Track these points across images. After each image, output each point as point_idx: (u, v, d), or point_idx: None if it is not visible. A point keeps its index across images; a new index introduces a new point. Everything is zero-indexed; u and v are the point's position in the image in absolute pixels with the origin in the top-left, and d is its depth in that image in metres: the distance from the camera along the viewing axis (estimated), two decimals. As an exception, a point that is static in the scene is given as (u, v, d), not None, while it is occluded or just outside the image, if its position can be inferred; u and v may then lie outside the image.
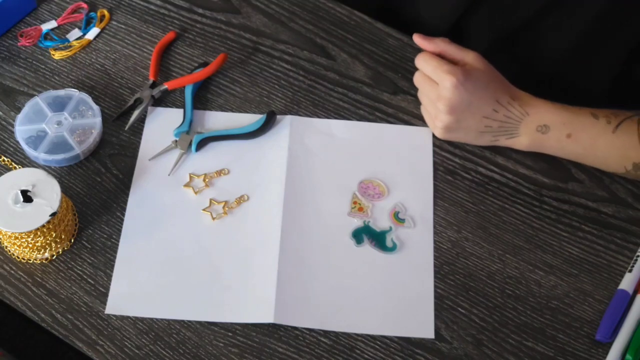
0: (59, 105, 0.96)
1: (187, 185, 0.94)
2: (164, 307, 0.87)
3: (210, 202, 0.93)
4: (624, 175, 0.96)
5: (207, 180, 0.95)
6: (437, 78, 0.93)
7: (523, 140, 0.95)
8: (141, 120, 0.98)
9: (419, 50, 1.05)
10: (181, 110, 0.99)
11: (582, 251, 0.93)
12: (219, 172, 0.96)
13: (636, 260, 0.91)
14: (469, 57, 0.94)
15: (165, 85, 0.99)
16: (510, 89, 0.95)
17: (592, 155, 0.94)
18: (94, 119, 0.96)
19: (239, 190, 0.94)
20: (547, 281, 0.91)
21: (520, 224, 0.94)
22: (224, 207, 0.93)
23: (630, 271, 0.91)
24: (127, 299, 0.87)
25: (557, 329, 0.88)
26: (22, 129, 0.95)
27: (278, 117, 0.99)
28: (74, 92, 0.97)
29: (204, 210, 0.93)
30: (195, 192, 0.94)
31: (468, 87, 0.91)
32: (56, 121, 0.95)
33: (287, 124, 0.99)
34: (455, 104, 0.92)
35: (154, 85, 1.00)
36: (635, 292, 0.90)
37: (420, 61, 0.96)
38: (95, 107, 0.96)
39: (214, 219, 0.92)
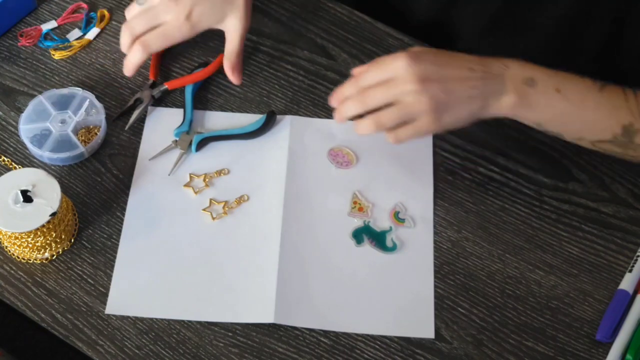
0: (62, 104, 0.96)
1: (187, 185, 0.94)
2: (164, 307, 0.87)
3: (210, 202, 0.93)
4: (611, 149, 0.90)
5: (207, 180, 0.95)
6: (386, 70, 0.85)
7: (511, 97, 0.86)
8: (141, 120, 0.98)
9: (419, 50, 1.06)
10: (181, 110, 0.99)
11: (582, 251, 0.93)
12: (219, 172, 0.96)
13: (636, 260, 0.91)
14: (398, 65, 0.86)
15: (166, 85, 0.99)
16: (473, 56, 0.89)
17: (582, 115, 0.88)
18: (98, 117, 0.96)
19: (239, 190, 0.94)
20: (547, 281, 0.91)
21: (520, 224, 0.94)
22: (224, 207, 0.93)
23: (630, 271, 0.91)
24: (127, 299, 0.87)
25: (557, 329, 0.88)
26: (26, 128, 0.95)
27: (278, 117, 0.99)
28: (78, 91, 0.97)
29: (204, 210, 0.93)
30: (196, 192, 0.94)
31: (426, 58, 0.85)
32: (60, 120, 0.96)
33: (287, 124, 0.99)
34: (423, 75, 0.84)
35: (154, 85, 1.00)
36: (635, 292, 0.90)
37: (357, 76, 0.88)
38: (99, 105, 0.96)
39: (214, 219, 0.92)
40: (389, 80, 0.85)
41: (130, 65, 0.96)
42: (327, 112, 1.01)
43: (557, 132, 0.90)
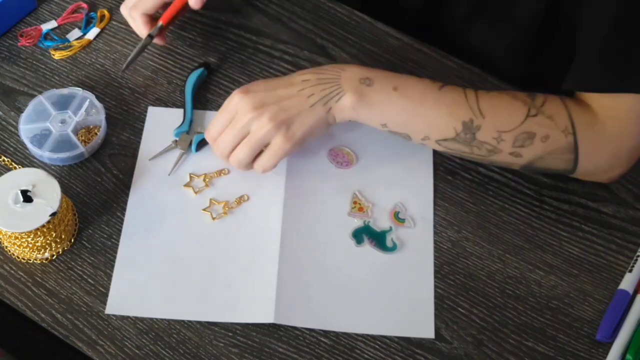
0: (62, 104, 0.96)
1: (187, 185, 0.94)
2: (163, 307, 0.87)
3: (211, 202, 0.93)
4: (458, 148, 0.91)
5: (207, 180, 0.95)
6: (226, 112, 0.90)
7: (350, 97, 0.88)
8: (141, 120, 0.98)
9: (419, 50, 1.06)
10: (181, 110, 0.99)
11: (583, 251, 0.93)
12: (219, 172, 0.95)
13: (636, 260, 0.91)
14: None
15: (160, 22, 1.00)
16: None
17: (422, 112, 0.89)
18: (98, 117, 0.96)
19: (239, 190, 0.94)
20: (547, 281, 0.91)
21: (520, 224, 0.94)
22: (224, 207, 0.93)
23: (630, 271, 0.91)
24: (127, 299, 0.87)
25: (557, 329, 0.88)
26: (26, 128, 0.95)
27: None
28: (78, 91, 0.98)
29: (204, 210, 0.93)
30: (196, 192, 0.94)
31: (256, 87, 0.90)
32: (60, 120, 0.96)
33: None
34: (257, 102, 0.88)
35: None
36: (635, 292, 0.90)
37: (208, 127, 0.92)
38: (99, 105, 0.96)
39: (214, 219, 0.92)
40: (232, 119, 0.89)
41: (138, 31, 1.01)
42: (327, 112, 1.01)
43: (403, 133, 0.91)
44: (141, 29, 1.00)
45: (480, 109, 0.88)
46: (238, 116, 0.89)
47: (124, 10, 1.01)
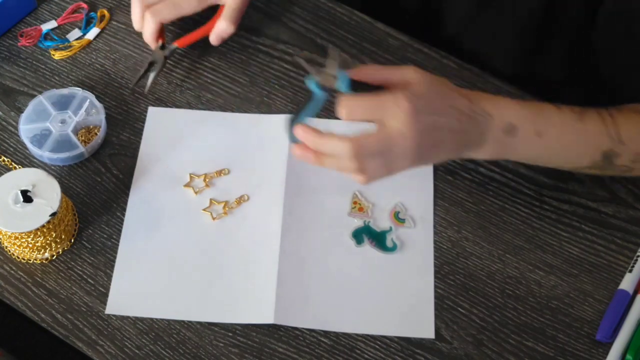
0: (62, 104, 0.97)
1: (187, 185, 0.94)
2: (164, 307, 0.87)
3: (211, 202, 0.93)
4: (588, 172, 0.90)
5: (207, 180, 0.95)
6: (380, 115, 0.79)
7: (489, 148, 0.84)
8: (141, 120, 0.98)
9: (419, 50, 1.06)
10: (181, 110, 0.99)
11: (583, 251, 0.93)
12: (219, 172, 0.96)
13: (636, 260, 0.91)
14: (409, 73, 0.81)
15: (175, 44, 1.01)
16: (465, 93, 0.84)
17: (562, 151, 0.88)
18: (98, 117, 0.96)
19: (239, 190, 0.94)
20: (547, 281, 0.91)
21: (520, 224, 0.94)
22: (224, 207, 0.93)
23: (630, 271, 0.91)
24: (127, 299, 0.87)
25: (557, 329, 0.88)
26: (26, 128, 0.95)
27: (278, 116, 0.99)
28: (78, 91, 0.98)
29: (204, 210, 0.93)
30: (196, 192, 0.94)
31: (424, 108, 0.79)
32: (60, 120, 0.96)
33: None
34: (418, 137, 0.78)
35: (163, 47, 1.01)
36: (635, 292, 0.90)
37: (345, 109, 0.79)
38: (99, 105, 0.97)
39: (214, 219, 0.92)
40: (377, 116, 0.80)
41: (147, 35, 1.00)
42: (327, 112, 1.01)
43: (536, 164, 0.92)
44: (151, 38, 1.00)
45: (620, 136, 0.86)
46: (385, 126, 0.79)
47: (136, 6, 1.00)
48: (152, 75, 1.00)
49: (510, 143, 0.84)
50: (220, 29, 1.01)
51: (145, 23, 0.99)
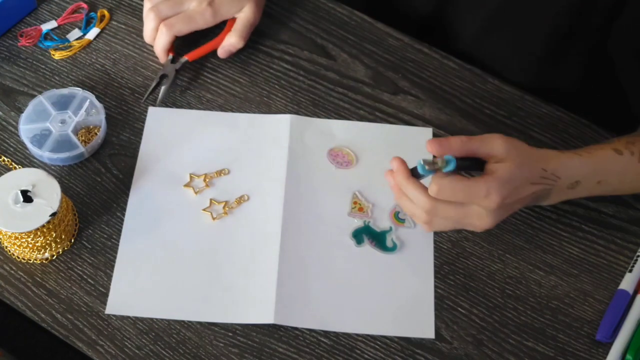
0: (62, 104, 0.96)
1: (187, 185, 0.94)
2: (164, 307, 0.87)
3: (211, 202, 0.93)
4: None
5: (207, 180, 0.95)
6: (469, 200, 0.82)
7: (551, 201, 0.88)
8: (141, 120, 0.98)
9: (419, 50, 1.06)
10: (182, 110, 0.99)
11: (583, 251, 0.93)
12: (219, 172, 0.95)
13: (636, 260, 0.91)
14: (496, 147, 0.82)
15: (186, 57, 1.01)
16: (538, 158, 0.85)
17: (619, 187, 0.91)
18: (98, 117, 0.96)
19: (239, 190, 0.94)
20: (547, 281, 0.91)
21: (520, 224, 0.94)
22: (224, 207, 0.93)
23: (630, 271, 0.91)
24: (127, 299, 0.87)
25: (557, 329, 0.88)
26: (26, 128, 0.95)
27: (278, 116, 0.99)
28: (78, 91, 0.98)
29: (204, 210, 0.93)
30: (196, 192, 0.94)
31: (510, 195, 0.82)
32: (60, 120, 0.96)
33: (287, 123, 0.99)
34: (496, 218, 0.83)
35: (174, 60, 1.01)
36: (635, 292, 0.90)
37: (437, 186, 0.80)
38: (99, 105, 0.96)
39: (214, 219, 0.92)
40: (459, 206, 0.83)
41: (159, 48, 1.01)
42: (327, 112, 1.01)
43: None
44: (163, 52, 1.00)
45: None
46: (461, 215, 0.83)
47: (151, 20, 1.00)
48: (163, 89, 0.99)
49: (572, 194, 0.88)
50: (230, 43, 1.02)
51: (159, 36, 1.00)
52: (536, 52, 1.06)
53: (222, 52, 1.02)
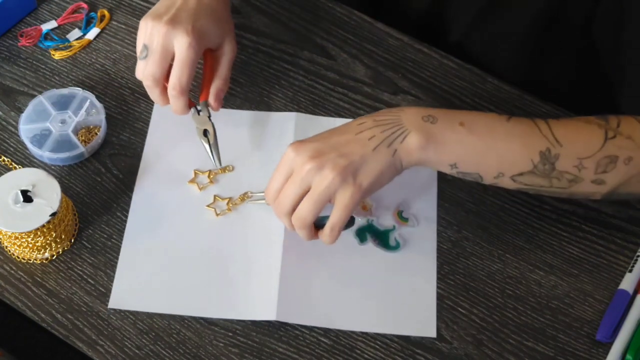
0: (62, 104, 0.97)
1: (191, 181, 0.94)
2: (166, 302, 0.87)
3: (215, 198, 0.93)
4: (535, 182, 0.83)
5: (211, 176, 0.95)
6: (283, 168, 0.82)
7: (416, 136, 0.81)
8: (141, 120, 0.98)
9: (419, 50, 1.06)
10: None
11: (583, 251, 0.93)
12: (224, 169, 0.96)
13: (636, 260, 0.91)
14: (285, 156, 0.83)
15: (202, 101, 0.94)
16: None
17: (494, 146, 0.82)
18: (98, 117, 0.96)
19: (243, 186, 0.94)
20: (547, 281, 0.91)
21: (520, 224, 0.94)
22: (228, 204, 0.93)
23: (630, 271, 0.91)
24: (130, 294, 0.87)
25: (557, 329, 0.88)
26: (26, 128, 0.95)
27: (282, 113, 0.99)
28: (78, 91, 0.98)
29: (208, 206, 0.93)
30: (200, 189, 0.94)
31: (309, 139, 0.82)
32: (60, 120, 0.96)
33: (292, 120, 0.99)
34: (313, 152, 0.80)
35: (198, 111, 0.94)
36: (635, 292, 0.90)
37: (267, 188, 0.84)
38: (99, 105, 0.97)
39: (217, 215, 0.92)
40: (290, 175, 0.82)
41: (179, 109, 0.93)
42: (327, 112, 1.01)
43: (474, 172, 0.84)
44: (186, 109, 0.92)
45: (555, 136, 0.81)
46: (296, 170, 0.81)
47: (155, 89, 0.91)
48: (214, 145, 0.93)
49: (434, 130, 0.81)
50: (219, 88, 0.94)
51: (173, 102, 0.91)
52: (524, 45, 1.06)
53: (217, 105, 0.94)
